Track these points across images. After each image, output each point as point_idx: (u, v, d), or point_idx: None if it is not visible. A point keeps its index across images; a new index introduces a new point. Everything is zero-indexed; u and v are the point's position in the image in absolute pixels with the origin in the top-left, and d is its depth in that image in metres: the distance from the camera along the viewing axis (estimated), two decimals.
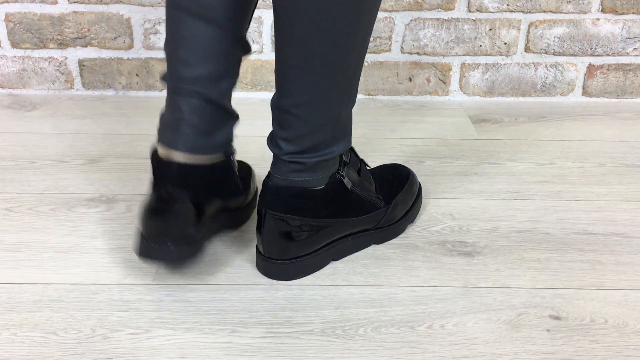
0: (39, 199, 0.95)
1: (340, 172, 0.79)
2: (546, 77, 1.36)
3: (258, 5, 1.26)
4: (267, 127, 0.78)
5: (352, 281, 0.79)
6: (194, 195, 0.75)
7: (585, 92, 1.38)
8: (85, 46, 1.31)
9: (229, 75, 0.79)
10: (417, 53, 1.33)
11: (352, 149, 0.83)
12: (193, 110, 0.76)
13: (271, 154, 0.78)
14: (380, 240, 0.86)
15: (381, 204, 0.85)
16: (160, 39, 1.30)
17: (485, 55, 1.34)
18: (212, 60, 0.76)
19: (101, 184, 1.00)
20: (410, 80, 1.35)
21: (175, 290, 0.77)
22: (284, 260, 0.78)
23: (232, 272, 0.80)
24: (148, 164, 1.06)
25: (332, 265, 0.82)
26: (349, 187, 0.80)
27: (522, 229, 0.91)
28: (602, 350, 0.70)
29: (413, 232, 0.90)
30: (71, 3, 1.27)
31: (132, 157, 1.08)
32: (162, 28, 1.29)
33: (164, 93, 1.34)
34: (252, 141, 1.06)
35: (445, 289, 0.78)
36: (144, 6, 1.27)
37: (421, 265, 0.83)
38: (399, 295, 0.77)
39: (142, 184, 1.00)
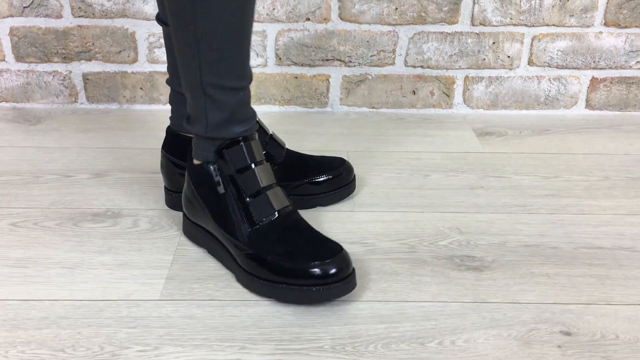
0: (44, 214, 0.95)
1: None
2: (549, 90, 1.36)
3: (262, 19, 1.27)
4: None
5: (360, 297, 0.79)
6: None
7: (589, 105, 1.38)
8: (90, 60, 1.31)
9: None
10: (421, 66, 1.33)
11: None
12: None
13: None
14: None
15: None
16: (164, 52, 1.30)
17: (489, 68, 1.34)
18: None
19: (106, 199, 1.00)
20: (414, 94, 1.36)
21: (182, 306, 0.76)
22: None
23: (240, 288, 0.80)
24: (153, 178, 1.06)
25: None
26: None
27: (530, 243, 0.91)
28: None
29: (421, 246, 0.89)
30: (76, 17, 1.27)
31: (138, 172, 1.08)
32: None
33: (168, 107, 1.34)
34: None
35: (454, 305, 0.78)
36: (149, 20, 1.28)
37: (430, 281, 0.82)
38: (408, 310, 0.77)
39: (147, 198, 1.00)
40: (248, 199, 0.80)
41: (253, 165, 0.81)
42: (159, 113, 1.32)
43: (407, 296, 0.79)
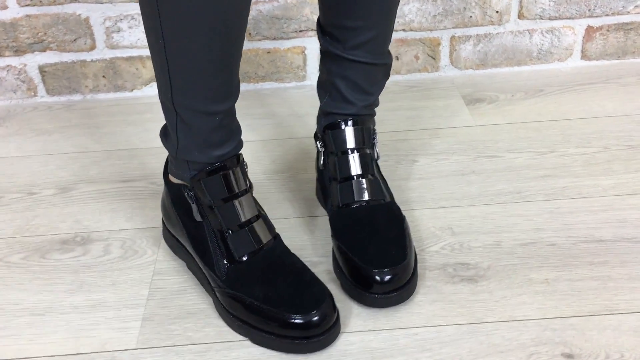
0: (9, 246, 0.89)
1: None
2: (542, 44, 1.27)
3: None
4: None
5: (350, 326, 0.74)
6: None
7: (584, 55, 1.29)
8: (44, 51, 1.20)
9: None
10: (403, 30, 1.23)
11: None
12: None
13: None
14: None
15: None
16: (124, 36, 1.19)
17: (476, 26, 1.24)
18: None
19: (74, 220, 0.93)
20: (397, 59, 1.26)
21: (160, 355, 0.72)
22: None
23: (221, 326, 0.75)
24: (122, 189, 0.99)
25: None
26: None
27: (527, 241, 0.85)
28: None
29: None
30: (23, 7, 1.16)
31: (105, 182, 1.01)
32: (125, 25, 1.18)
33: (134, 94, 1.26)
34: None
35: (449, 329, 0.74)
36: (102, 3, 1.16)
37: (422, 299, 0.78)
38: (400, 340, 0.72)
39: (118, 216, 0.93)
40: (227, 233, 0.74)
41: (233, 198, 0.74)
42: (125, 102, 1.23)
43: (399, 322, 0.75)
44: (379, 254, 0.75)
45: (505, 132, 1.09)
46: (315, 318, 0.68)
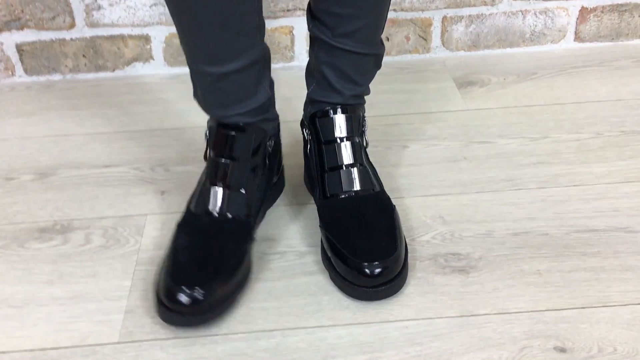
0: None
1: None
2: (535, 25, 1.24)
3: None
4: None
5: (338, 319, 0.73)
6: None
7: (578, 37, 1.26)
8: (22, 29, 1.16)
9: None
10: (394, 10, 1.20)
11: None
12: None
13: None
14: None
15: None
16: (104, 14, 1.15)
17: (469, 6, 1.21)
18: None
19: (54, 207, 0.90)
20: (388, 40, 1.23)
21: (144, 350, 0.70)
22: None
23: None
24: (104, 174, 0.96)
25: (317, 299, 0.75)
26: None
27: (519, 231, 0.84)
28: None
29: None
30: None
31: (86, 167, 0.98)
32: (106, 2, 1.14)
33: (116, 74, 1.22)
34: None
35: (440, 322, 0.72)
36: None
37: (412, 291, 0.76)
38: (390, 334, 0.71)
39: (99, 203, 0.90)
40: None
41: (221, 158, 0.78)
42: (106, 83, 1.19)
43: (389, 315, 0.73)
44: (368, 246, 0.73)
45: (497, 117, 1.07)
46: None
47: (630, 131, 1.02)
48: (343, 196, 0.79)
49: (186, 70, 1.21)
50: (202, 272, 0.70)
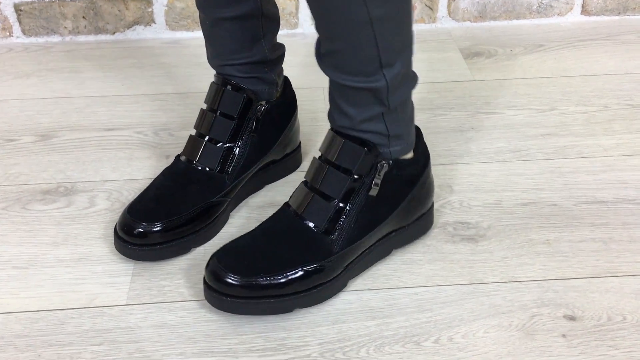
0: None
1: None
2: None
3: None
4: None
5: (349, 285, 0.72)
6: None
7: (585, 10, 1.25)
8: None
9: None
10: None
11: None
12: None
13: None
14: None
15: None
16: None
17: None
18: None
19: (57, 169, 0.88)
20: None
21: (152, 312, 0.69)
22: None
23: None
24: (107, 137, 0.95)
25: None
26: None
27: (527, 201, 0.83)
28: (622, 357, 0.65)
29: None
30: None
31: (89, 130, 0.96)
32: None
33: (117, 37, 1.19)
34: None
35: (449, 289, 0.72)
36: None
37: (422, 258, 0.76)
38: (400, 300, 0.71)
39: (103, 166, 0.89)
40: None
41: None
42: (106, 46, 1.17)
43: (399, 281, 0.73)
44: None
45: (504, 88, 1.06)
46: None
47: (638, 105, 1.02)
48: None
49: (188, 34, 1.20)
50: (157, 209, 0.74)
